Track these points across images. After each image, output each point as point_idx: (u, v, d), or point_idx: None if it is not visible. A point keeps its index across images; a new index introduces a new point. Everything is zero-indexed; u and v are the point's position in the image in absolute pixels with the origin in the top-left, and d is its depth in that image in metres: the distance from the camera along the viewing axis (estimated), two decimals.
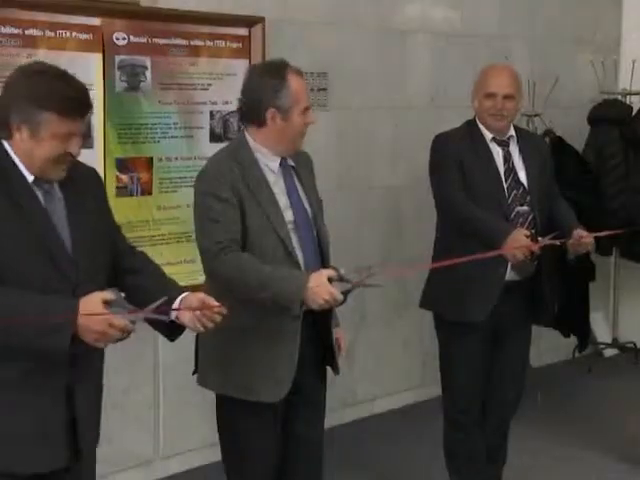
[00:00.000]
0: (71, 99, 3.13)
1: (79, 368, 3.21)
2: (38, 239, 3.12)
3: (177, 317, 3.33)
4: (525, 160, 4.96)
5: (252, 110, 4.02)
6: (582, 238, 4.80)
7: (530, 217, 4.88)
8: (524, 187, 4.90)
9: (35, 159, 3.13)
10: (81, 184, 3.32)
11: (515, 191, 4.88)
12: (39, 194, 3.18)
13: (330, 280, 3.70)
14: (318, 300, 3.68)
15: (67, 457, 3.26)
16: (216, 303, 3.34)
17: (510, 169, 4.90)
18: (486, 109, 4.89)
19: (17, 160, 3.15)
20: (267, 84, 3.99)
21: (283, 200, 4.01)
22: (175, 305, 3.31)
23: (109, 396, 3.60)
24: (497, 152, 4.92)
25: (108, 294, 3.05)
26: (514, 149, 4.97)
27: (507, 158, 4.92)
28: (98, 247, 3.30)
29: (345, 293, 3.73)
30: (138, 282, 3.42)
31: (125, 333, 3.07)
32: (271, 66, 4.09)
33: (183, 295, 3.36)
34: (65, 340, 3.00)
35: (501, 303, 4.82)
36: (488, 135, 4.92)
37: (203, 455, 5.78)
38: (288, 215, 3.99)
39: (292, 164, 4.11)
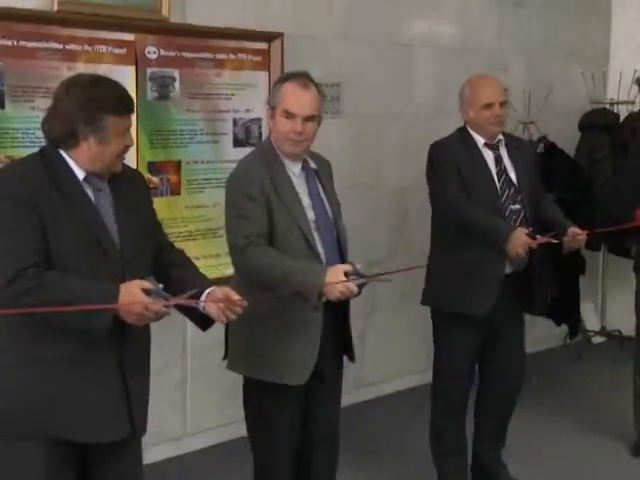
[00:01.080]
0: (123, 99, 3.26)
1: (129, 347, 3.30)
2: (88, 231, 3.19)
3: (204, 308, 3.37)
4: (514, 162, 4.95)
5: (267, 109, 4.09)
6: (576, 235, 4.81)
7: (522, 214, 4.87)
8: (515, 187, 4.89)
9: (103, 159, 3.23)
10: (128, 184, 3.40)
11: (508, 191, 4.87)
12: (89, 191, 3.26)
13: (346, 274, 3.71)
14: (335, 293, 3.69)
15: (124, 428, 3.34)
16: (238, 297, 3.37)
17: (502, 171, 4.89)
18: (486, 118, 4.84)
19: (71, 162, 3.23)
20: (274, 84, 4.08)
21: (306, 200, 4.02)
22: (202, 297, 3.36)
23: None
24: (489, 156, 4.90)
25: (146, 283, 3.12)
26: (503, 152, 4.95)
27: (498, 161, 4.91)
28: (143, 239, 3.39)
29: (360, 286, 3.74)
30: (178, 275, 3.49)
31: (160, 316, 3.15)
32: (288, 73, 4.12)
33: (210, 289, 3.41)
34: (106, 320, 3.09)
35: (497, 295, 4.82)
36: (480, 141, 4.90)
37: (227, 431, 5.80)
38: (310, 214, 4.00)
39: (315, 167, 4.12)
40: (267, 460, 4.18)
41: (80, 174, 3.24)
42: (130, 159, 5.10)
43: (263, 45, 5.89)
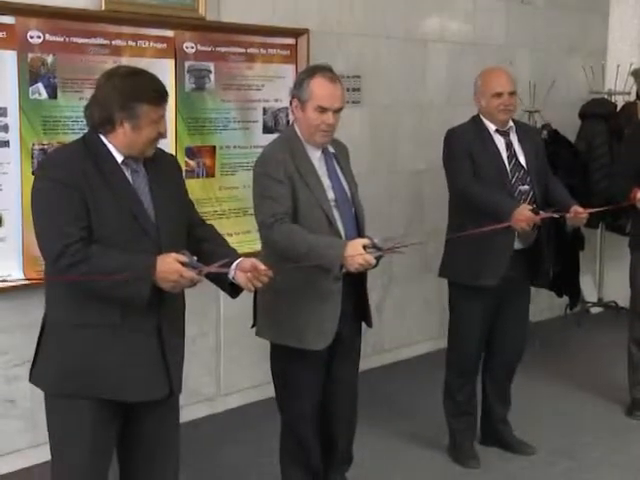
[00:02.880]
0: (158, 90, 3.26)
1: (165, 312, 3.31)
2: (127, 210, 3.21)
3: (234, 277, 3.39)
4: (523, 147, 4.95)
5: (290, 101, 4.08)
6: (578, 214, 4.81)
7: (531, 194, 4.88)
8: (524, 169, 4.90)
9: (138, 144, 3.24)
10: (163, 166, 3.42)
11: (517, 173, 4.88)
12: (127, 173, 3.27)
13: (365, 247, 3.73)
14: (355, 265, 3.72)
15: (162, 388, 3.36)
16: (264, 267, 3.38)
17: (512, 155, 4.90)
18: (495, 106, 4.86)
19: (110, 146, 3.24)
20: (299, 78, 4.05)
21: (326, 182, 4.03)
22: (232, 267, 3.38)
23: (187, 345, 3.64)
24: (500, 141, 4.91)
25: (181, 256, 3.16)
26: (513, 138, 4.96)
27: (509, 146, 4.92)
28: (177, 216, 3.40)
29: (377, 258, 3.77)
30: (209, 248, 3.50)
31: (193, 283, 3.19)
32: (312, 66, 4.11)
33: (239, 260, 3.42)
34: (145, 289, 3.13)
35: (508, 269, 4.83)
36: (492, 127, 4.91)
37: (256, 393, 5.83)
38: (330, 194, 4.01)
39: (333, 151, 4.12)
40: (292, 418, 4.21)
41: (119, 157, 3.25)
42: (169, 144, 5.17)
43: (290, 40, 5.89)
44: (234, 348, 5.84)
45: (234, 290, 3.48)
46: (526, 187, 4.88)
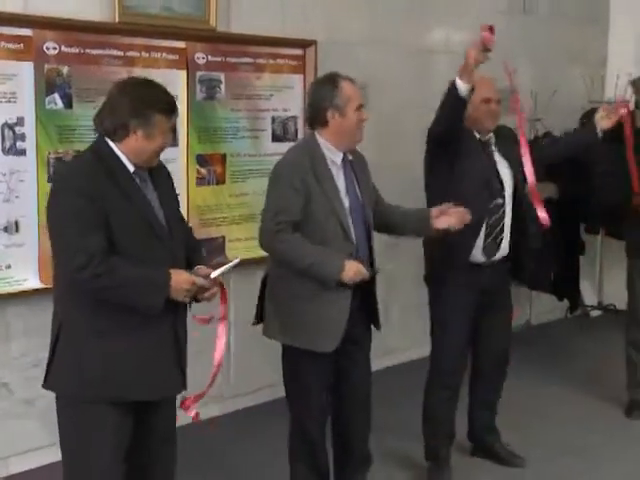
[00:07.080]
0: (169, 102, 3.30)
1: (180, 311, 3.39)
2: (142, 217, 3.27)
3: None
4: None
5: (317, 114, 4.09)
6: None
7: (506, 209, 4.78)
8: (501, 183, 4.77)
9: (147, 153, 3.28)
10: (160, 174, 3.47)
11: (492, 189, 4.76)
12: (138, 182, 3.30)
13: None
14: (349, 274, 3.89)
15: (179, 385, 3.50)
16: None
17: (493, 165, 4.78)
18: (483, 112, 4.76)
19: (121, 155, 3.27)
20: (324, 90, 4.07)
21: (343, 190, 4.10)
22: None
23: (192, 345, 3.67)
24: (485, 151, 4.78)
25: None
26: (494, 149, 4.83)
27: (490, 156, 4.80)
28: (180, 223, 3.52)
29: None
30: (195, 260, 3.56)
31: (203, 289, 3.34)
32: (325, 77, 4.17)
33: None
34: (161, 299, 3.21)
35: (486, 279, 4.76)
36: (475, 136, 4.79)
37: (266, 393, 5.85)
38: (346, 202, 4.08)
39: (351, 158, 4.18)
40: (301, 416, 4.25)
41: (130, 167, 3.28)
42: (181, 152, 5.21)
43: (299, 51, 5.93)
44: (244, 349, 5.85)
45: None
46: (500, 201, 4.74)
